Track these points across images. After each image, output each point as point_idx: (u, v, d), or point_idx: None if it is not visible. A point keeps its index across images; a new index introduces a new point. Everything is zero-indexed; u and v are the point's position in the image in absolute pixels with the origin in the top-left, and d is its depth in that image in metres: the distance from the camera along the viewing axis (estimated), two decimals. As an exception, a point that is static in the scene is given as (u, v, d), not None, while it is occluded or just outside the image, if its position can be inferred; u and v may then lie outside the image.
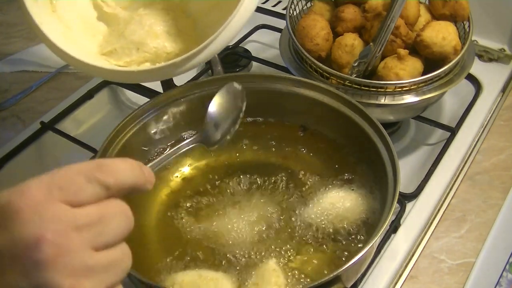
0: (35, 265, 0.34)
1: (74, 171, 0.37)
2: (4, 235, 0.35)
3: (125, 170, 0.39)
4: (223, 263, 0.62)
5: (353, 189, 0.69)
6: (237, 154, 0.76)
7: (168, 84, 0.78)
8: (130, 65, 0.71)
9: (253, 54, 1.03)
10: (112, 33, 0.74)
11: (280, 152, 0.76)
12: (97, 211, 0.37)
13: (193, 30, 0.73)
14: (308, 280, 0.61)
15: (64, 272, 0.34)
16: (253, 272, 0.61)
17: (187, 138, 0.77)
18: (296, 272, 0.61)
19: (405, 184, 0.78)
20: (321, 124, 0.77)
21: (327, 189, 0.70)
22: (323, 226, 0.66)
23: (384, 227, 0.57)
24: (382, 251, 0.71)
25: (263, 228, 0.66)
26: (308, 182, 0.71)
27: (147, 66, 0.70)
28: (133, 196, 0.40)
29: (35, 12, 0.66)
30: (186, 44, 0.71)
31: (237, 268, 0.62)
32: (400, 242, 0.72)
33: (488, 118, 0.90)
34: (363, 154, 0.71)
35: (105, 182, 0.37)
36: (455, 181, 0.80)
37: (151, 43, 0.71)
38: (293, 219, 0.67)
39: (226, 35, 0.63)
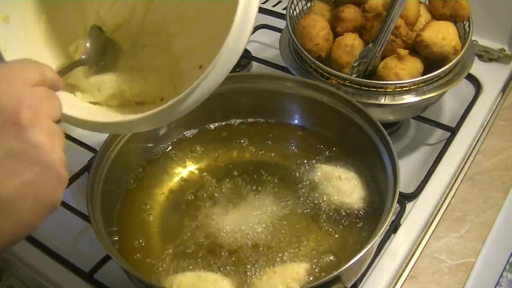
0: (20, 127, 0.42)
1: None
2: None
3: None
4: (224, 264, 0.62)
5: (353, 189, 0.69)
6: (238, 154, 0.76)
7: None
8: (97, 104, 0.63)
9: (253, 54, 1.03)
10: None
11: (281, 152, 0.76)
12: (45, 91, 0.47)
13: (175, 69, 0.65)
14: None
15: (42, 131, 0.44)
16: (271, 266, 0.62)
17: (188, 136, 0.77)
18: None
19: (405, 184, 0.78)
20: (321, 124, 0.77)
21: (327, 189, 0.70)
22: (323, 226, 0.66)
23: (384, 227, 0.57)
24: (382, 251, 0.71)
25: (264, 228, 0.66)
26: (308, 182, 0.71)
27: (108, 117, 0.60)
28: None
29: None
30: (159, 86, 0.63)
31: (238, 268, 0.62)
32: (400, 242, 0.72)
33: (488, 118, 0.90)
34: (363, 154, 0.71)
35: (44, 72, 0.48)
36: (455, 181, 0.80)
37: (121, 85, 0.62)
38: (293, 218, 0.67)
39: (204, 87, 0.53)
